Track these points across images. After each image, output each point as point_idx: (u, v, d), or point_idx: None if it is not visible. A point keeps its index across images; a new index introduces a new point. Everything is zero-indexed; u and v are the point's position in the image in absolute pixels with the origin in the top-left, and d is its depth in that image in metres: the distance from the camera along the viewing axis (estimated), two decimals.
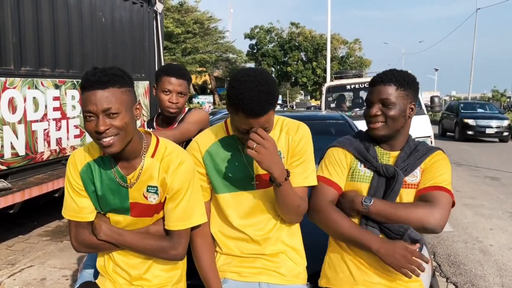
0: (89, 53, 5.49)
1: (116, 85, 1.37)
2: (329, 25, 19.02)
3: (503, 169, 9.27)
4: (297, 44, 34.08)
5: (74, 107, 5.14)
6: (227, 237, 1.63)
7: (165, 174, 1.49)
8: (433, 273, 1.93)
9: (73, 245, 1.55)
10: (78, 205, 1.51)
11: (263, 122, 1.43)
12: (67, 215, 1.54)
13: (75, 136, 5.18)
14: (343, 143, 1.72)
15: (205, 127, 2.14)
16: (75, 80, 5.13)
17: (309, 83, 33.88)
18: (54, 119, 4.81)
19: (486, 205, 6.27)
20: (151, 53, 7.03)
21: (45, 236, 4.95)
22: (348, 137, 1.76)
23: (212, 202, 1.67)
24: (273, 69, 34.87)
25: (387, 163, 1.63)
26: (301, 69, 33.84)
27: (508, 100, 53.84)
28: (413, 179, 1.59)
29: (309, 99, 47.86)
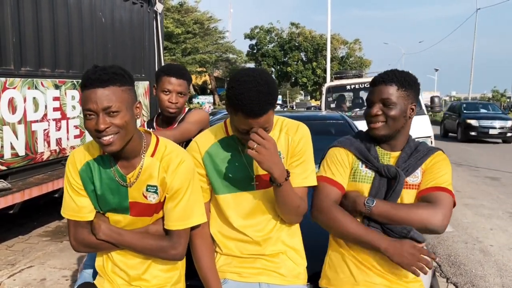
0: (89, 53, 5.49)
1: (116, 83, 1.37)
2: (329, 25, 19.03)
3: (503, 169, 9.27)
4: (297, 44, 34.04)
5: (74, 107, 5.14)
6: (227, 238, 1.63)
7: (164, 173, 1.48)
8: (434, 274, 1.93)
9: (72, 244, 1.55)
10: (77, 204, 1.51)
11: (262, 122, 1.43)
12: (66, 214, 1.53)
13: (75, 136, 5.18)
14: (344, 143, 1.72)
15: (205, 127, 2.14)
16: (75, 80, 5.12)
17: (309, 83, 33.86)
18: (54, 120, 4.81)
19: (486, 205, 6.27)
20: (151, 53, 7.03)
21: (45, 236, 4.94)
22: (348, 137, 1.76)
23: (212, 203, 1.66)
24: (273, 69, 34.85)
25: (388, 163, 1.62)
26: (301, 69, 33.82)
27: (508, 100, 53.83)
28: (414, 179, 1.59)
29: (309, 99, 47.82)
